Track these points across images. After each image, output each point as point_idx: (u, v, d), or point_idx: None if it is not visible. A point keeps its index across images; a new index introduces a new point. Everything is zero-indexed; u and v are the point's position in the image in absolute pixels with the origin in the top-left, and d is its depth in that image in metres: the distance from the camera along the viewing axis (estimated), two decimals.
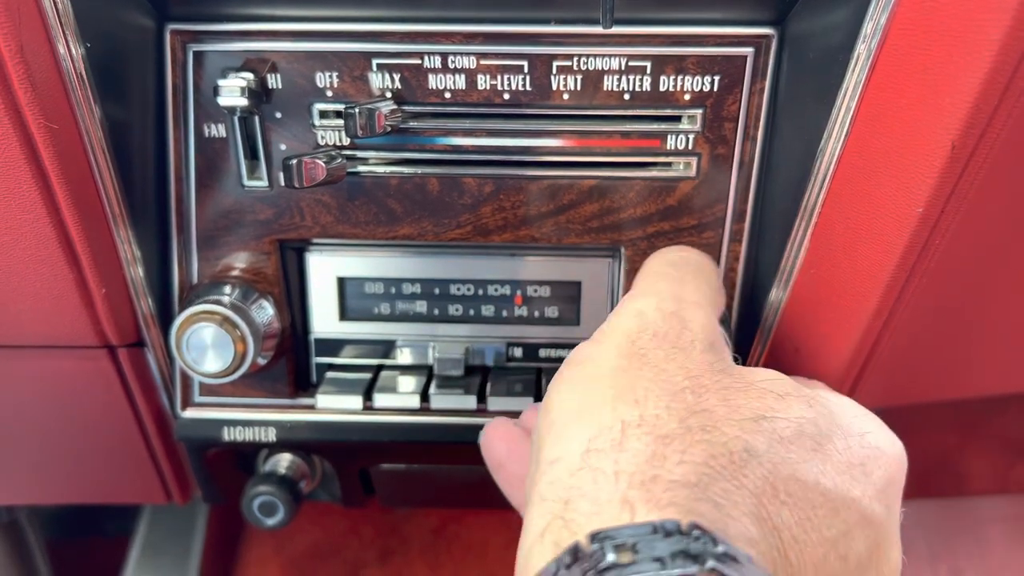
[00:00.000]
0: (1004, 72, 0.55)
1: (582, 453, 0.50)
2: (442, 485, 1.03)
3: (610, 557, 0.42)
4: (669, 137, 0.79)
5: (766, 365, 0.85)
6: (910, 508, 1.98)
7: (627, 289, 0.85)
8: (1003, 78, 0.55)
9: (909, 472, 0.66)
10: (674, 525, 0.43)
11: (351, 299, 0.91)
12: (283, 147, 0.81)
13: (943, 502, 1.99)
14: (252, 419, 0.91)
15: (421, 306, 0.91)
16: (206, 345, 0.80)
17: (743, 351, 0.87)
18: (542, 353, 0.92)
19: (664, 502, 0.46)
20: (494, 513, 1.79)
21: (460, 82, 0.78)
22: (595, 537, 0.43)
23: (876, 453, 0.58)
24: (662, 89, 0.78)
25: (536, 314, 0.91)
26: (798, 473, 0.51)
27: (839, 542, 0.52)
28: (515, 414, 0.90)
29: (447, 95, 0.79)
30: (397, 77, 0.78)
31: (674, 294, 0.65)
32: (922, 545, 1.96)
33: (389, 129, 0.77)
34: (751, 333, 0.86)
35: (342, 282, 0.90)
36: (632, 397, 0.53)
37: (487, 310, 0.91)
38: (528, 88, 0.78)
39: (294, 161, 0.75)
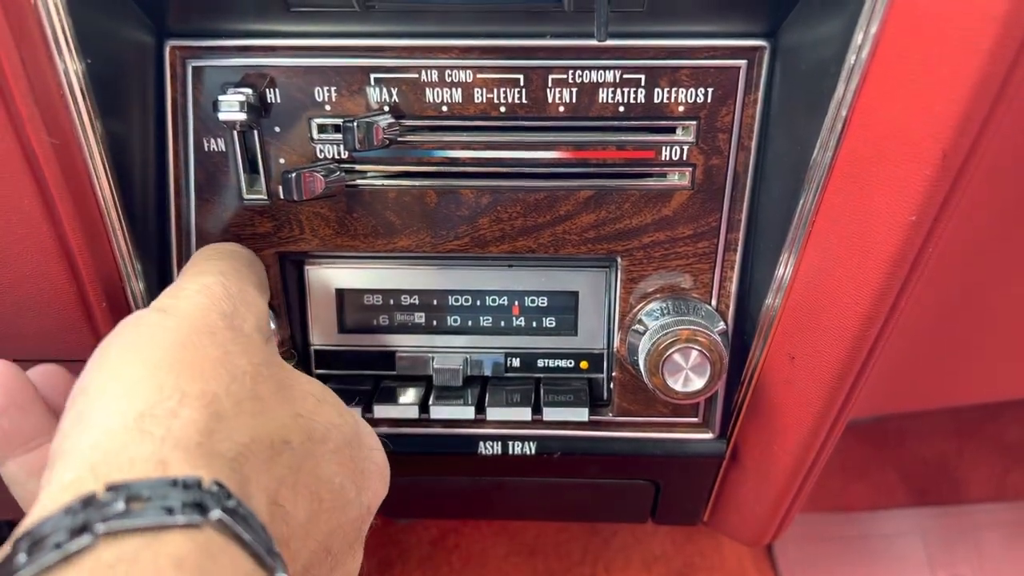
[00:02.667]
0: (994, 80, 0.56)
1: (136, 416, 0.50)
2: (441, 495, 1.04)
3: (118, 505, 0.43)
4: (664, 148, 0.80)
5: (762, 373, 0.86)
6: (908, 515, 1.98)
7: (624, 299, 0.86)
8: (993, 86, 0.56)
9: (907, 479, 0.68)
10: (195, 480, 0.46)
11: (350, 311, 0.91)
12: (282, 161, 0.81)
13: (941, 509, 2.00)
14: None
15: (420, 318, 0.91)
16: None
17: (739, 360, 0.88)
18: (540, 363, 0.92)
19: (199, 464, 0.48)
20: (493, 523, 1.79)
21: (457, 96, 0.79)
22: (112, 487, 0.44)
23: (375, 467, 0.68)
24: (656, 101, 0.79)
25: (534, 324, 0.91)
26: (318, 469, 0.58)
27: (331, 536, 0.59)
28: (513, 424, 0.91)
29: (444, 108, 0.79)
30: (395, 91, 0.79)
31: (236, 273, 0.69)
32: (921, 551, 1.97)
33: (387, 142, 0.78)
34: (747, 342, 0.87)
35: (341, 294, 0.90)
36: (198, 371, 0.54)
37: (485, 321, 0.91)
38: (524, 101, 0.79)
39: (293, 174, 0.76)
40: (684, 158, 0.80)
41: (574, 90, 0.78)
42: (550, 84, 0.78)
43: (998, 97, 0.57)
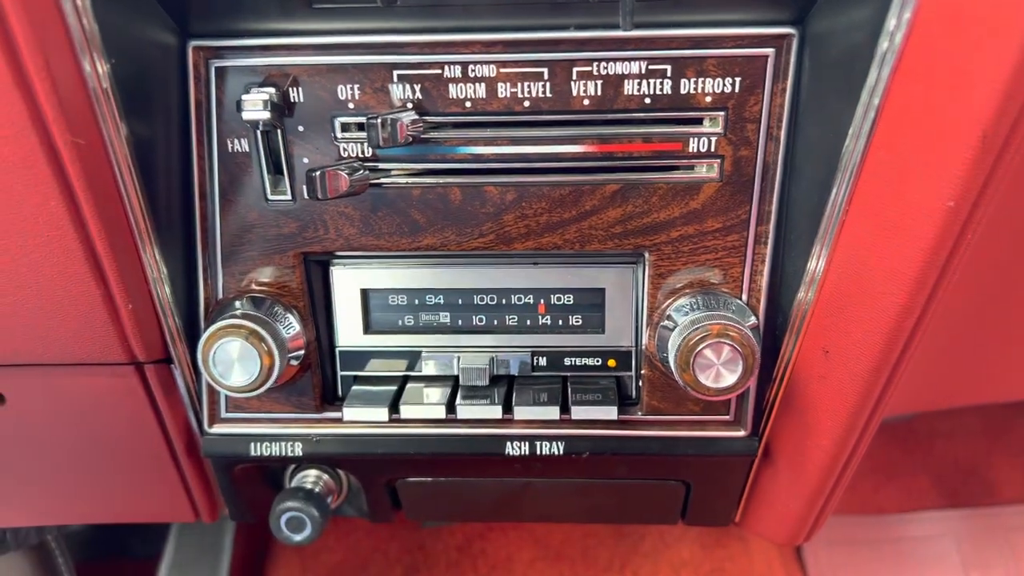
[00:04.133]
0: None
1: None
2: (468, 497, 1.03)
3: None
4: (691, 140, 0.79)
5: (795, 369, 0.85)
6: (940, 517, 1.95)
7: (652, 295, 0.85)
8: None
9: (939, 481, 0.66)
10: None
11: (375, 311, 0.91)
12: (306, 161, 0.81)
13: (974, 511, 1.97)
14: (279, 434, 0.91)
15: (445, 317, 0.91)
16: (232, 359, 0.80)
17: (771, 355, 0.86)
18: (567, 362, 0.91)
19: None
20: (519, 528, 1.78)
21: (480, 91, 0.78)
22: None
23: None
24: (683, 92, 0.77)
25: (560, 323, 0.90)
26: None
27: None
28: (541, 423, 0.90)
29: (467, 104, 0.79)
30: (418, 88, 0.78)
31: None
32: (954, 554, 1.94)
33: (411, 139, 0.77)
34: (779, 337, 0.85)
35: (366, 294, 0.90)
36: None
37: (511, 320, 0.90)
38: (548, 95, 0.78)
39: (318, 172, 0.76)
40: (712, 149, 0.79)
41: (599, 82, 0.77)
42: (574, 77, 0.77)
43: None
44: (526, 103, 0.78)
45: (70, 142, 0.67)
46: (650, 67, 0.77)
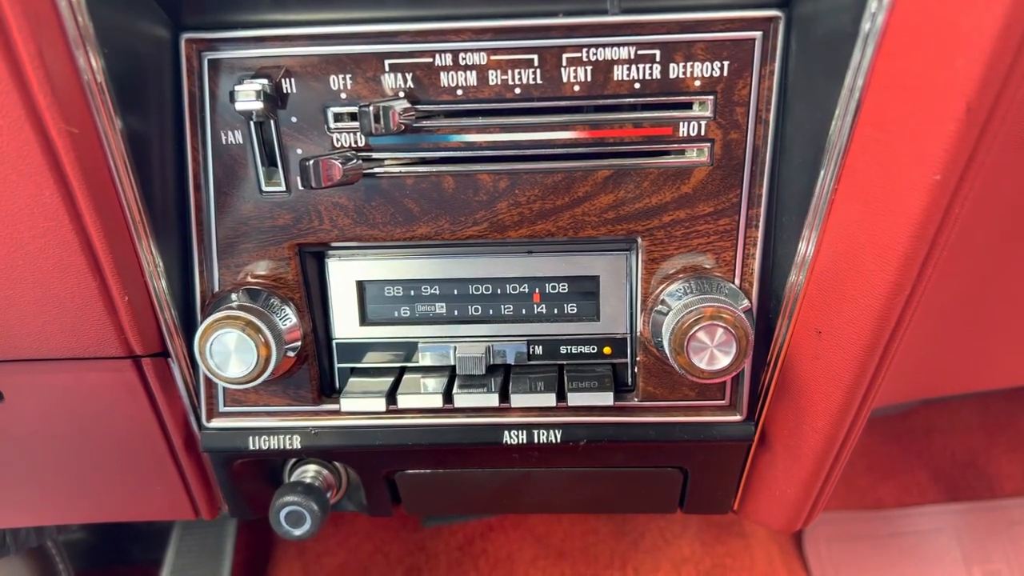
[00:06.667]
0: (1017, 28, 0.55)
1: None
2: (466, 489, 1.03)
3: None
4: (681, 124, 0.80)
5: (789, 351, 0.85)
6: (940, 512, 1.95)
7: (646, 281, 0.85)
8: (1016, 34, 0.55)
9: (937, 476, 0.66)
10: None
11: (371, 303, 0.91)
12: (299, 151, 0.81)
13: (974, 504, 1.97)
14: (277, 427, 0.91)
15: (441, 308, 0.91)
16: (229, 351, 0.80)
17: (765, 340, 0.87)
18: (563, 349, 0.91)
19: None
20: (521, 527, 1.78)
21: (471, 79, 0.79)
22: None
23: None
24: (672, 76, 0.78)
25: (555, 311, 0.91)
26: None
27: None
28: (537, 411, 0.90)
29: (459, 92, 0.79)
30: (409, 76, 0.79)
31: None
32: (955, 548, 1.94)
33: (403, 127, 0.78)
34: (772, 320, 0.86)
35: (362, 286, 0.90)
36: None
37: (506, 309, 0.91)
38: (539, 81, 0.79)
39: (311, 161, 0.76)
40: (702, 133, 0.80)
41: (589, 68, 0.78)
42: (564, 63, 0.78)
43: (1021, 46, 0.56)
44: (517, 90, 0.79)
45: (64, 131, 0.67)
46: (639, 52, 0.77)
